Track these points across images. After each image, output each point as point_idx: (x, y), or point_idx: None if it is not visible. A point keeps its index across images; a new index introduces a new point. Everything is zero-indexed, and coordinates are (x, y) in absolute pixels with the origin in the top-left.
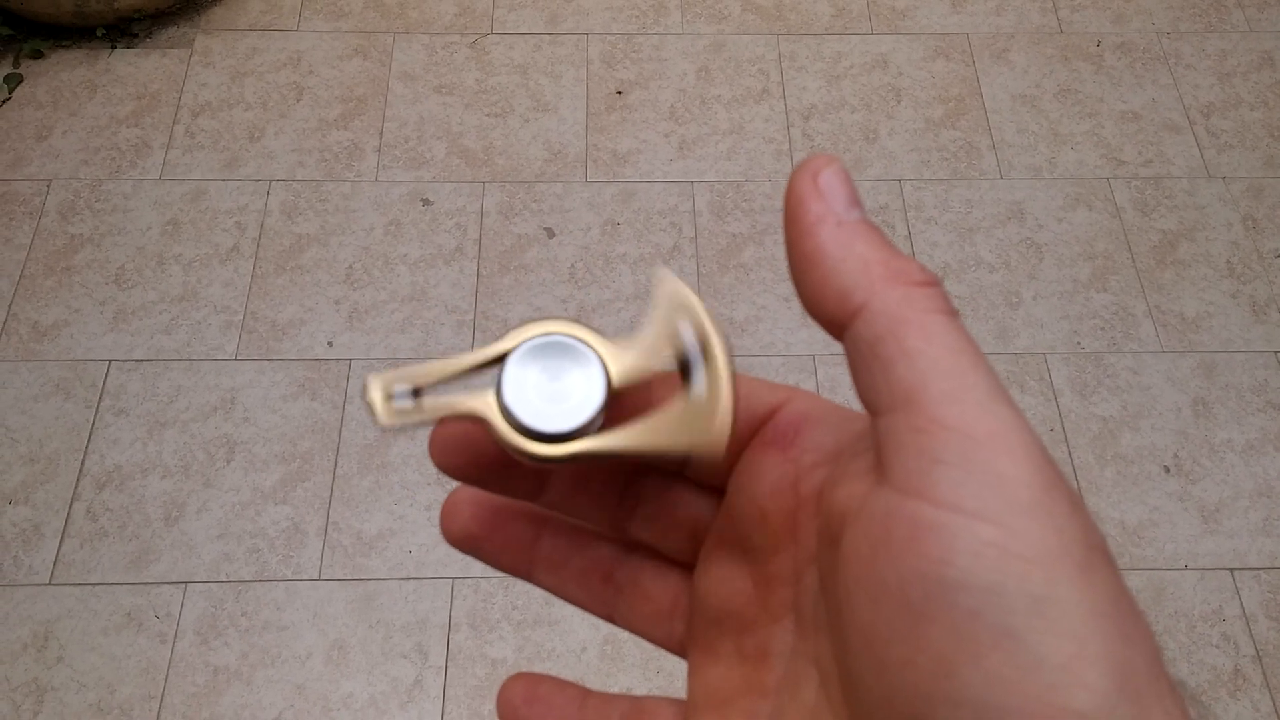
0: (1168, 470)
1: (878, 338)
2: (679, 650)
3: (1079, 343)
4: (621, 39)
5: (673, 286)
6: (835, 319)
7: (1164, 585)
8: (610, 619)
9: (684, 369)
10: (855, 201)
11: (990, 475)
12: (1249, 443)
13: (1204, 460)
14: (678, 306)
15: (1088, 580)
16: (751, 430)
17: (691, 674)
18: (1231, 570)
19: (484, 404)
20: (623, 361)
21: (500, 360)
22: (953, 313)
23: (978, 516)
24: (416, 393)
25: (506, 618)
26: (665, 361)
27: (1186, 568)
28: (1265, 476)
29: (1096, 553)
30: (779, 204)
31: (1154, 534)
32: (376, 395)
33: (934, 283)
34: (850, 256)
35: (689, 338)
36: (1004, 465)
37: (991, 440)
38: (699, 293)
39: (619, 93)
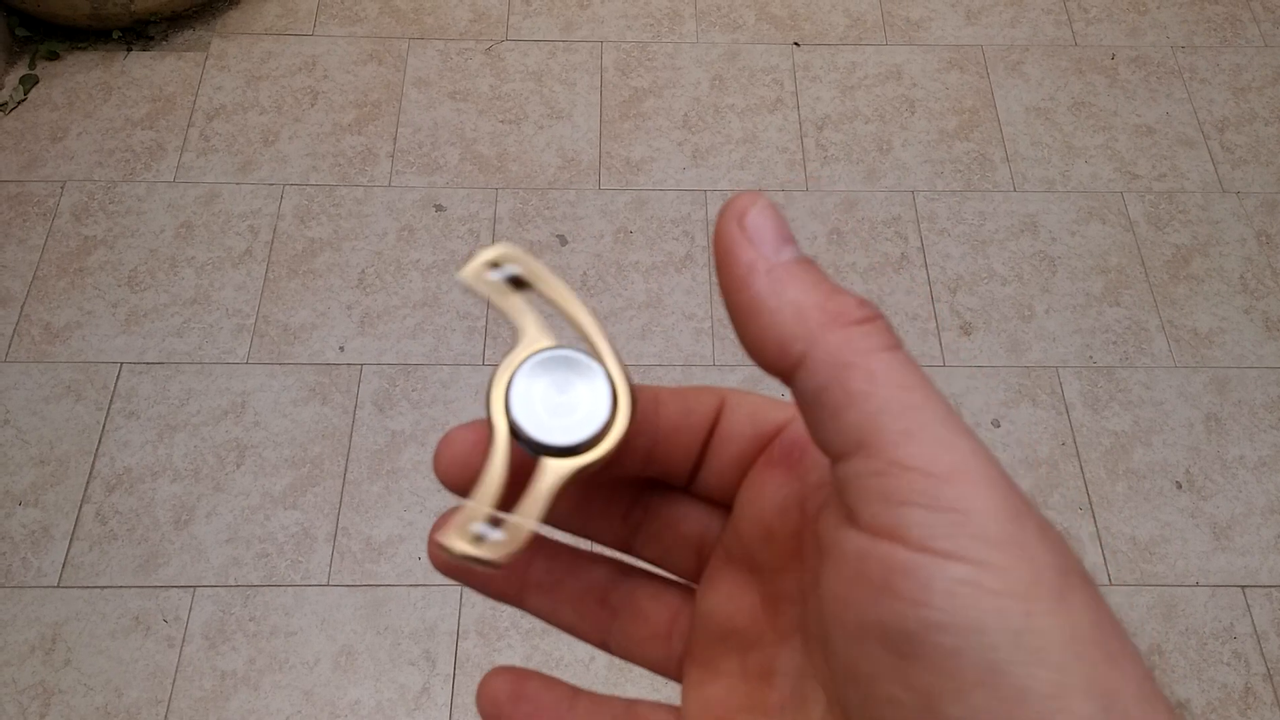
0: (1179, 486)
1: (822, 386)
2: (675, 673)
3: (1091, 356)
4: (636, 47)
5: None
6: (779, 370)
7: (1175, 602)
8: (604, 646)
9: None
10: (785, 238)
11: (956, 512)
12: (1261, 459)
13: (1216, 477)
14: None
15: (1065, 607)
16: (758, 448)
17: (688, 690)
18: (1243, 588)
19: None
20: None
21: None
22: (895, 346)
23: (949, 556)
24: (494, 521)
25: (515, 626)
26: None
27: (1198, 584)
28: (1277, 494)
29: (1073, 577)
30: (792, 214)
31: (1165, 550)
32: (463, 547)
33: (873, 317)
34: (785, 305)
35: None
36: (969, 500)
37: (953, 476)
38: (709, 299)
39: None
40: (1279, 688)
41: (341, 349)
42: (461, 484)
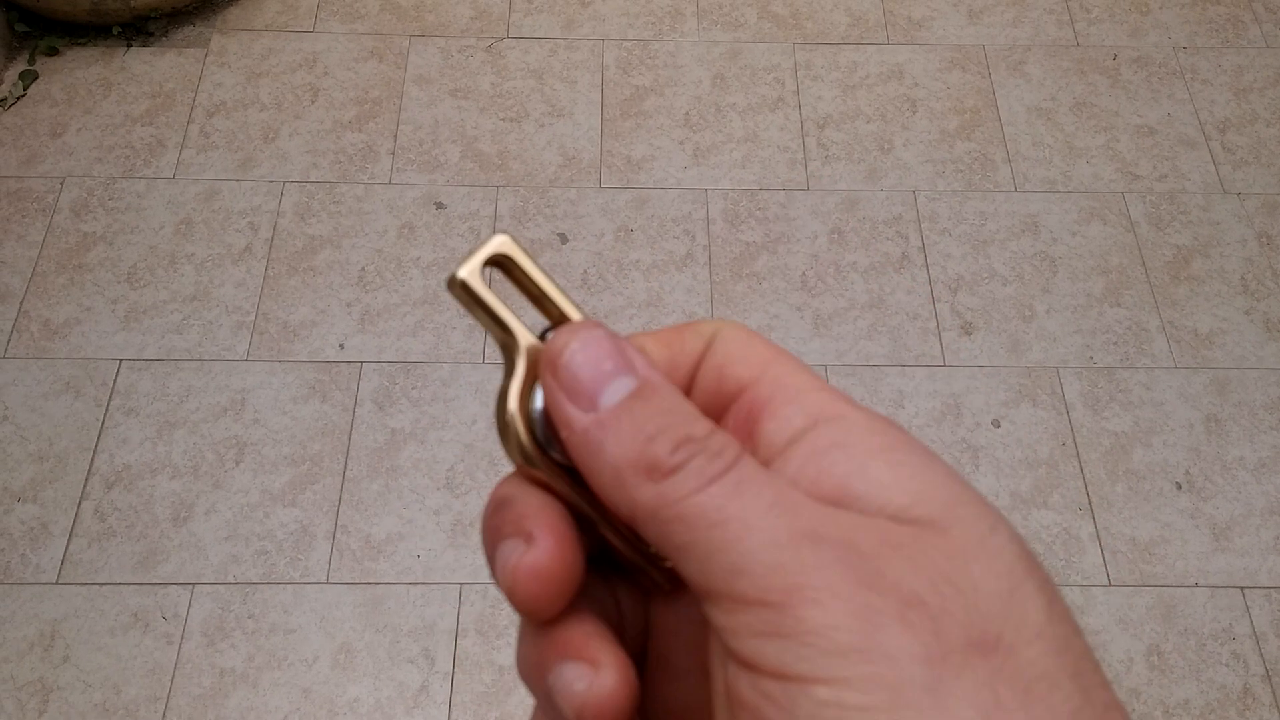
0: (1179, 487)
1: (656, 542)
2: None
3: (1092, 357)
4: (637, 45)
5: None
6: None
7: (1174, 603)
8: None
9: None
10: (601, 378)
11: (803, 634)
12: (1261, 461)
13: (1216, 478)
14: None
15: (938, 699)
16: (721, 408)
17: (648, 690)
18: (1242, 589)
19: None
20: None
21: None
22: (716, 477)
23: (808, 679)
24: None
25: (514, 624)
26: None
27: (1197, 585)
28: (1277, 495)
29: (952, 657)
30: (793, 213)
31: (1165, 551)
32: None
33: (685, 460)
34: (605, 469)
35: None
36: (811, 619)
37: (789, 600)
38: (710, 298)
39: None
40: (1278, 689)
41: (341, 346)
42: (556, 611)
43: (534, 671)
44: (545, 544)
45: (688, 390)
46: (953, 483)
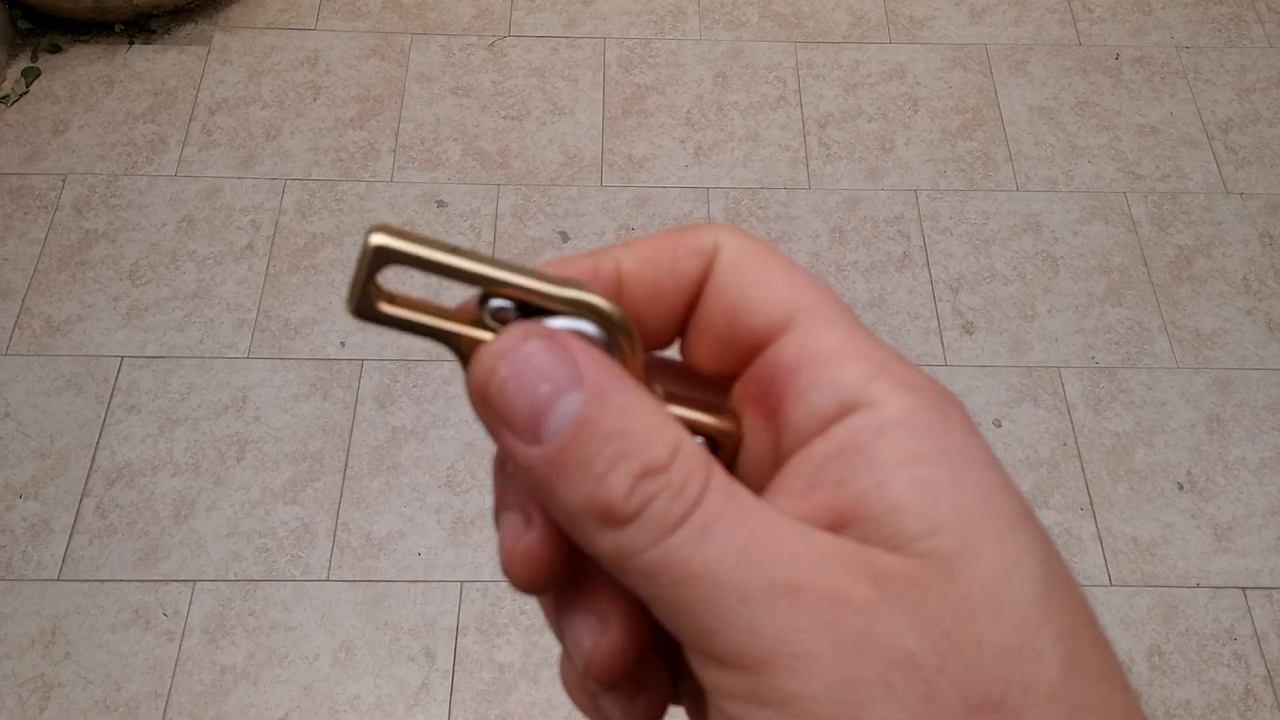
0: (1181, 487)
1: (635, 590)
2: None
3: (1093, 357)
4: (639, 44)
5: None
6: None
7: (1176, 603)
8: None
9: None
10: (540, 408)
11: (780, 703)
12: (1263, 461)
13: (1218, 478)
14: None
15: None
16: (735, 355)
17: None
18: (1244, 589)
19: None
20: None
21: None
22: (677, 521)
23: None
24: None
25: (514, 622)
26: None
27: (1199, 585)
28: (1279, 495)
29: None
30: (794, 212)
31: (1166, 551)
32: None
33: (643, 504)
34: (559, 511)
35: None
36: (789, 687)
37: (766, 664)
38: None
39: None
40: (1279, 690)
41: (343, 344)
42: (549, 588)
43: (550, 616)
44: (541, 528)
45: (682, 325)
46: (983, 502)
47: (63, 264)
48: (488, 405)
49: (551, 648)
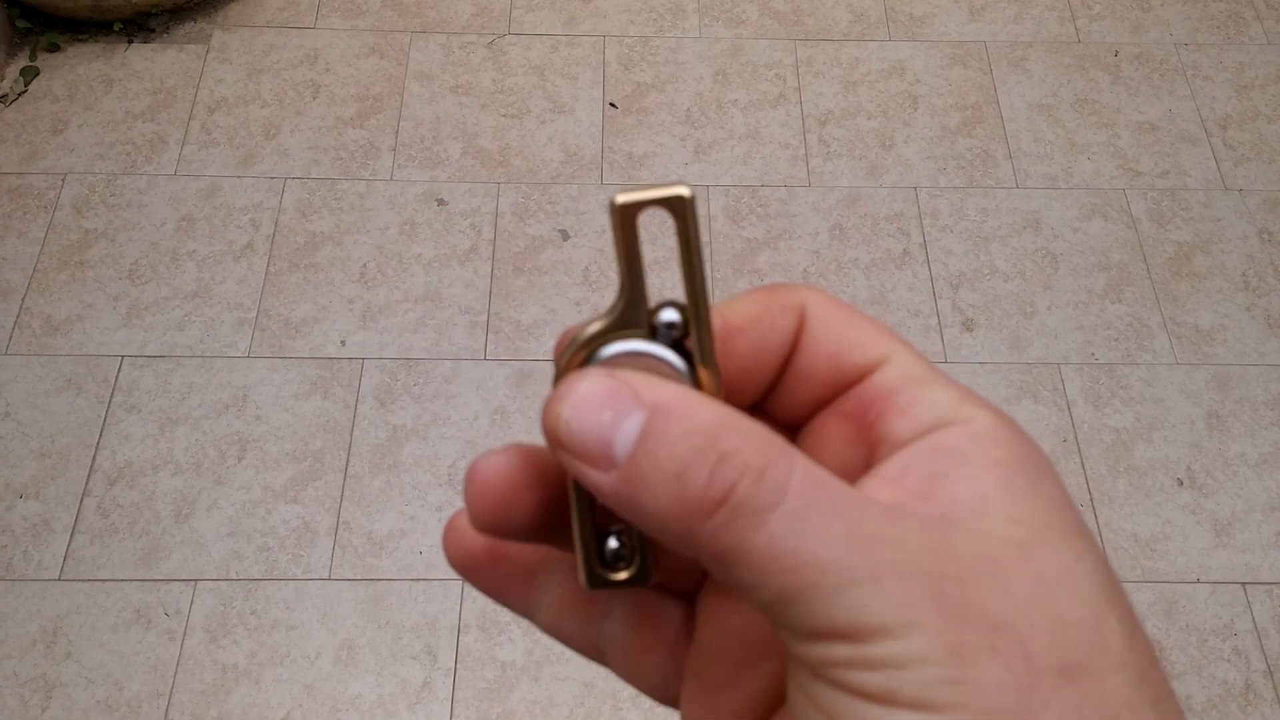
0: (1181, 483)
1: (722, 579)
2: (676, 697)
3: (1093, 353)
4: (639, 41)
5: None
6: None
7: (1176, 599)
8: (601, 658)
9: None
10: (606, 432)
11: (891, 666)
12: (1262, 457)
13: (1217, 474)
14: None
15: None
16: (837, 392)
17: (686, 705)
18: (1244, 584)
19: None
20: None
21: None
22: (771, 504)
23: (897, 704)
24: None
25: (516, 621)
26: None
27: (1199, 581)
28: (1278, 491)
29: (1042, 682)
30: (794, 209)
31: (1166, 547)
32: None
33: (726, 469)
34: (653, 525)
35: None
36: (902, 652)
37: (878, 635)
38: (713, 295)
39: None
40: (1279, 684)
41: (343, 343)
42: (498, 524)
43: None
44: (506, 456)
45: (777, 373)
46: (1052, 507)
47: (62, 263)
48: (563, 446)
49: (553, 646)
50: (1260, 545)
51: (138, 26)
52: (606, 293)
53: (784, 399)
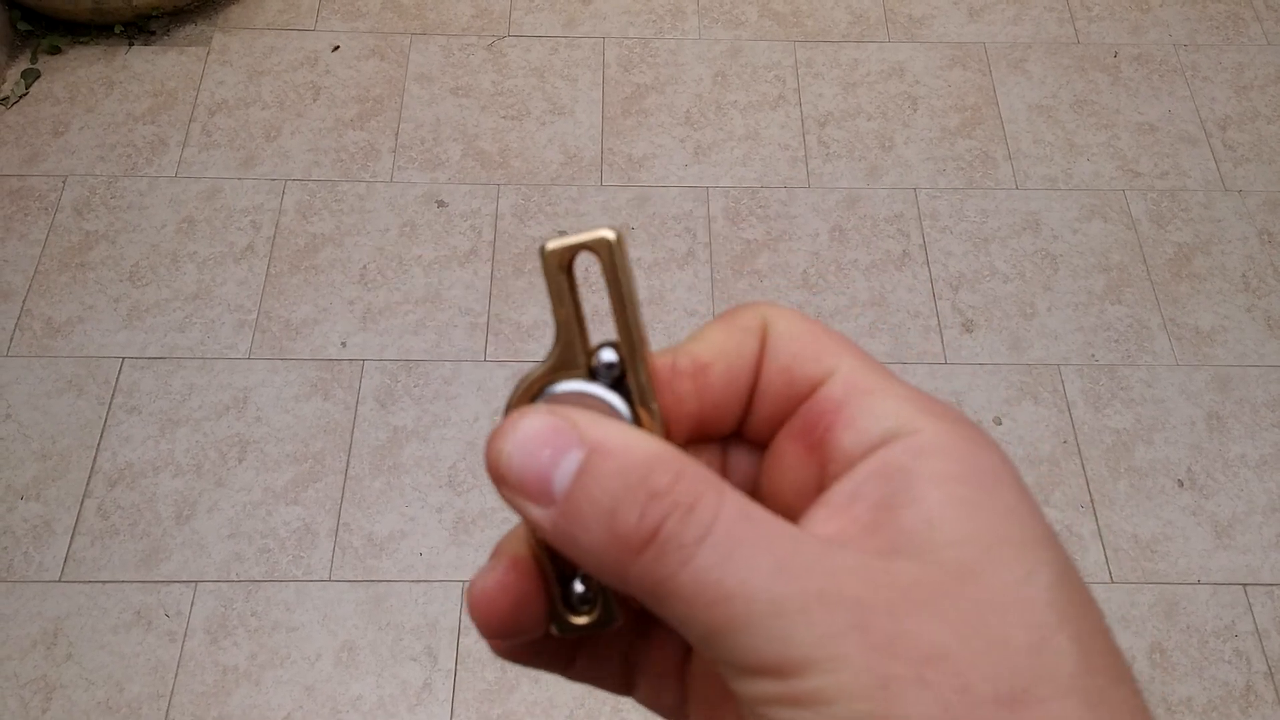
0: (1181, 484)
1: (659, 615)
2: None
3: (1093, 354)
4: (638, 43)
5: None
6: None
7: (1176, 600)
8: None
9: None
10: (546, 470)
11: (818, 703)
12: (1263, 458)
13: (1218, 475)
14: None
15: None
16: (793, 407)
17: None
18: (1244, 585)
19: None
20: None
21: None
22: (698, 538)
23: None
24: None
25: None
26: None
27: (1199, 582)
28: (1279, 492)
29: (978, 712)
30: (794, 211)
31: (1167, 548)
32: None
33: (656, 506)
34: (587, 560)
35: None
36: (827, 689)
37: (803, 669)
38: (711, 295)
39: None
40: None
41: (343, 344)
42: (512, 634)
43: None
44: (498, 570)
45: (750, 396)
46: (1008, 518)
47: (63, 265)
48: (503, 482)
49: None
50: (1261, 546)
51: (138, 29)
52: (606, 294)
53: (752, 420)
